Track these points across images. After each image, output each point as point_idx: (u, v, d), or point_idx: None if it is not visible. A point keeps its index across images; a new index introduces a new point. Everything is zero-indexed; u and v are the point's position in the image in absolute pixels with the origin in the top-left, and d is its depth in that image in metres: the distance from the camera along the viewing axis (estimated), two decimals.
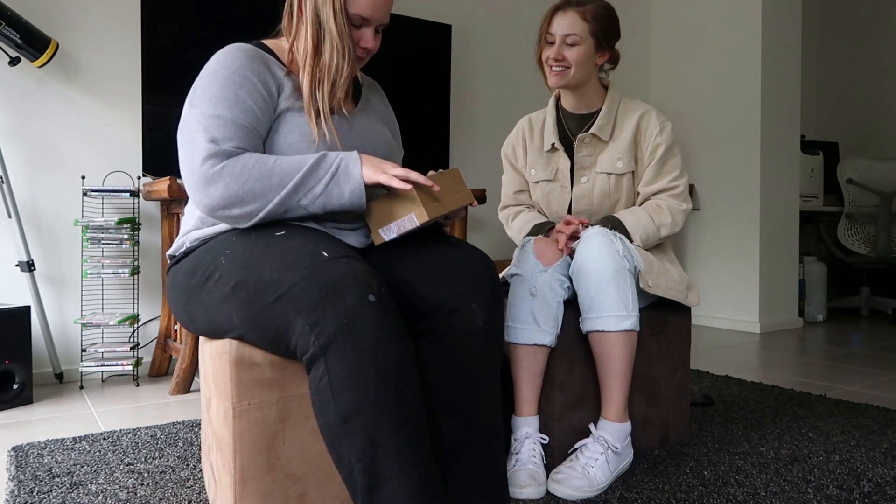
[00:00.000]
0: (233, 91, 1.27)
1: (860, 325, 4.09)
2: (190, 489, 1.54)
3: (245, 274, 1.18)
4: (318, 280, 1.11)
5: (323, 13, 1.30)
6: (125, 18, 2.73)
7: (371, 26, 1.36)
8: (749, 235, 3.91)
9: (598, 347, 1.60)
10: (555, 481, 1.49)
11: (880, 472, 1.64)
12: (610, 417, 1.59)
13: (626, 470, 1.61)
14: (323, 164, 1.24)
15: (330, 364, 1.08)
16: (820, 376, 2.72)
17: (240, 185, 1.21)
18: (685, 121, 4.20)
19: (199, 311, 1.27)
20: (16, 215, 2.42)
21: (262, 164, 1.23)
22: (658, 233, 1.77)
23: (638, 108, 1.83)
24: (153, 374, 2.70)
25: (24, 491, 1.51)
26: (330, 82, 1.32)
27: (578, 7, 1.74)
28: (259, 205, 1.22)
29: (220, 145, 1.23)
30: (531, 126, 1.93)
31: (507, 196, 1.98)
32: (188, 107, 1.29)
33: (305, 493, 1.27)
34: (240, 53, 1.32)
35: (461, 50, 3.64)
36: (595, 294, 1.58)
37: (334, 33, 1.30)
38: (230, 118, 1.25)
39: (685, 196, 1.81)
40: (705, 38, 4.11)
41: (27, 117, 2.56)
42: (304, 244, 1.19)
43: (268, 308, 1.14)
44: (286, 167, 1.23)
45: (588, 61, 1.76)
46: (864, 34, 5.04)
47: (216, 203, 1.22)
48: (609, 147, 1.81)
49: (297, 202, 1.24)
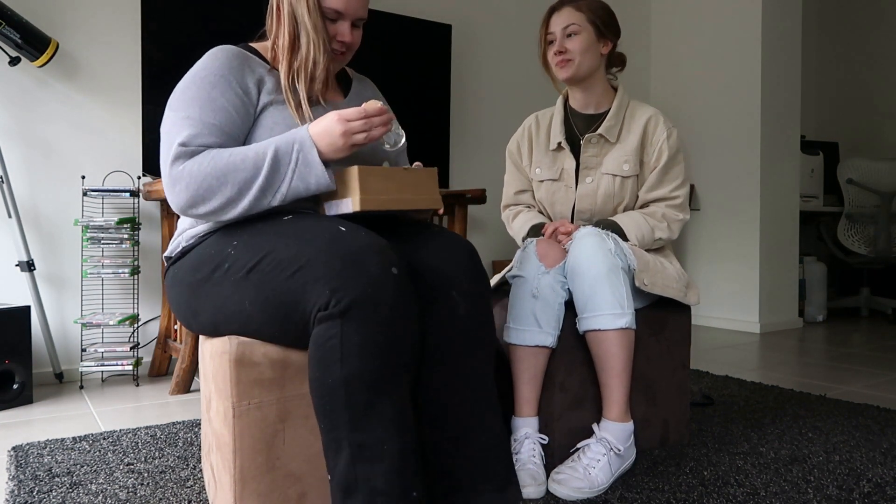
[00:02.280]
0: (206, 91, 1.30)
1: (860, 325, 4.09)
2: (190, 489, 1.54)
3: (261, 255, 1.19)
4: (338, 251, 1.13)
5: (298, 9, 1.34)
6: (125, 18, 2.73)
7: (346, 20, 1.39)
8: (749, 235, 3.91)
9: (595, 347, 1.60)
10: (555, 481, 1.48)
11: (880, 472, 1.64)
12: (612, 417, 1.59)
13: (627, 470, 1.61)
14: (282, 162, 1.24)
15: (345, 327, 1.10)
16: (820, 376, 2.72)
17: (198, 184, 1.23)
18: (685, 121, 4.20)
19: (205, 304, 1.27)
20: (16, 215, 2.42)
21: (216, 160, 1.23)
22: (653, 237, 1.77)
23: (646, 111, 1.83)
24: (153, 374, 2.70)
25: (24, 491, 1.51)
26: (308, 75, 1.36)
27: (573, 2, 1.78)
28: (220, 202, 1.23)
29: (188, 146, 1.25)
30: (538, 124, 1.94)
31: (508, 196, 1.98)
32: (166, 110, 1.32)
33: (305, 493, 1.27)
34: (220, 55, 1.35)
35: (461, 50, 3.64)
36: (590, 293, 1.58)
37: (309, 27, 1.34)
38: (199, 118, 1.27)
39: (684, 207, 1.82)
40: (705, 39, 4.11)
41: (27, 117, 2.56)
42: (318, 221, 1.22)
43: (285, 281, 1.15)
44: (239, 162, 1.23)
45: (591, 49, 1.78)
46: (864, 34, 5.04)
47: (183, 204, 1.25)
48: (615, 148, 1.81)
49: (268, 204, 1.26)
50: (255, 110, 1.35)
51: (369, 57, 3.14)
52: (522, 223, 1.90)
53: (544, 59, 1.84)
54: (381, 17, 3.21)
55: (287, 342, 1.23)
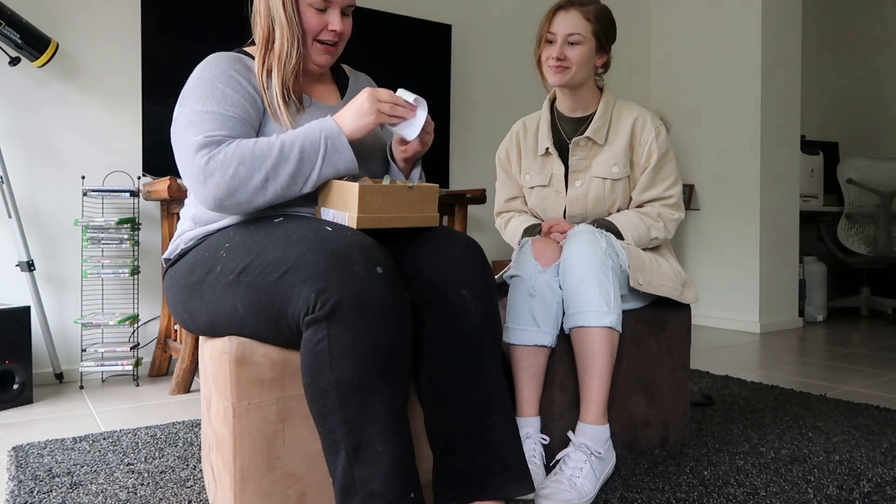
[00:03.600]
0: (219, 89, 1.30)
1: (860, 325, 4.09)
2: (190, 489, 1.54)
3: (250, 259, 1.20)
4: (324, 251, 1.13)
5: (274, 4, 1.35)
6: (125, 18, 2.73)
7: (335, 8, 1.38)
8: (749, 235, 3.91)
9: (578, 345, 1.58)
10: (543, 497, 1.41)
11: (880, 472, 1.64)
12: (589, 420, 1.55)
13: (610, 475, 1.57)
14: (310, 150, 1.26)
15: (332, 330, 1.10)
16: (820, 376, 2.72)
17: (232, 174, 1.23)
18: (685, 121, 4.20)
19: (201, 307, 1.28)
20: (16, 215, 2.42)
21: (242, 148, 1.24)
22: (649, 236, 1.77)
23: (633, 111, 1.81)
24: (153, 374, 2.70)
25: (24, 491, 1.51)
26: (281, 68, 1.35)
27: (581, 7, 1.73)
28: (252, 189, 1.24)
29: (213, 137, 1.25)
30: (525, 130, 1.92)
31: (500, 203, 1.99)
32: (178, 110, 1.32)
33: (305, 493, 1.27)
34: (222, 59, 1.36)
35: (461, 50, 3.64)
36: (577, 289, 1.56)
37: (283, 20, 1.34)
38: (219, 112, 1.28)
39: (679, 205, 1.81)
40: (705, 38, 4.11)
41: (27, 117, 2.56)
42: (306, 223, 1.22)
43: (273, 284, 1.15)
44: (265, 149, 1.25)
45: (588, 62, 1.76)
46: (864, 34, 5.04)
47: (221, 195, 1.24)
48: (604, 151, 1.80)
49: (300, 191, 1.28)
50: (262, 108, 1.36)
51: (369, 57, 3.14)
52: (516, 227, 1.90)
53: (539, 56, 1.80)
54: (382, 17, 3.21)
55: (282, 343, 1.23)
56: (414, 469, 1.15)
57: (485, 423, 1.28)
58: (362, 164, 1.44)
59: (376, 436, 1.11)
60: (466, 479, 1.27)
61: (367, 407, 1.11)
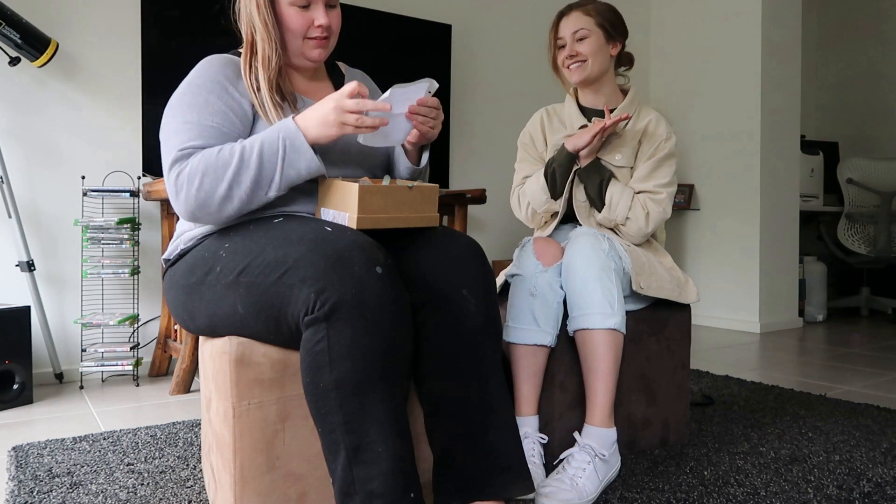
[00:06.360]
0: (202, 97, 1.31)
1: (860, 325, 4.09)
2: (190, 489, 1.54)
3: (249, 259, 1.20)
4: (323, 251, 1.13)
5: (250, 9, 1.36)
6: (125, 18, 2.73)
7: (318, 3, 1.38)
8: (749, 235, 3.91)
9: (583, 348, 1.58)
10: (543, 495, 1.42)
11: (880, 472, 1.64)
12: (595, 423, 1.55)
13: (614, 478, 1.57)
14: (269, 152, 1.24)
15: (332, 331, 1.10)
16: (820, 376, 2.72)
17: (197, 185, 1.23)
18: (685, 121, 4.20)
19: (200, 307, 1.28)
20: (16, 215, 2.42)
21: (206, 158, 1.24)
22: (625, 214, 1.76)
23: (651, 112, 1.89)
24: (153, 374, 2.70)
25: (24, 491, 1.51)
26: (266, 72, 1.35)
27: (581, 6, 1.83)
28: (218, 199, 1.24)
29: (184, 149, 1.26)
30: (550, 116, 1.96)
31: (517, 181, 1.96)
32: (165, 113, 1.33)
33: (305, 493, 1.27)
34: (215, 62, 1.36)
35: (461, 50, 3.64)
36: (581, 291, 1.57)
37: (259, 25, 1.35)
38: (197, 122, 1.28)
39: (665, 206, 1.80)
40: (705, 38, 4.11)
41: (27, 117, 2.56)
42: (306, 223, 1.22)
43: (273, 285, 1.16)
44: (227, 157, 1.24)
45: (602, 51, 1.82)
46: (864, 34, 5.04)
47: (192, 207, 1.25)
48: (615, 138, 1.84)
49: (266, 196, 1.27)
50: (252, 113, 1.35)
51: (369, 57, 3.14)
52: (535, 178, 1.85)
53: (554, 62, 1.88)
54: (382, 17, 3.21)
55: (281, 343, 1.23)
56: (414, 469, 1.15)
57: (485, 424, 1.28)
58: (362, 165, 1.44)
59: (376, 436, 1.11)
60: (466, 480, 1.27)
61: (366, 407, 1.11)
